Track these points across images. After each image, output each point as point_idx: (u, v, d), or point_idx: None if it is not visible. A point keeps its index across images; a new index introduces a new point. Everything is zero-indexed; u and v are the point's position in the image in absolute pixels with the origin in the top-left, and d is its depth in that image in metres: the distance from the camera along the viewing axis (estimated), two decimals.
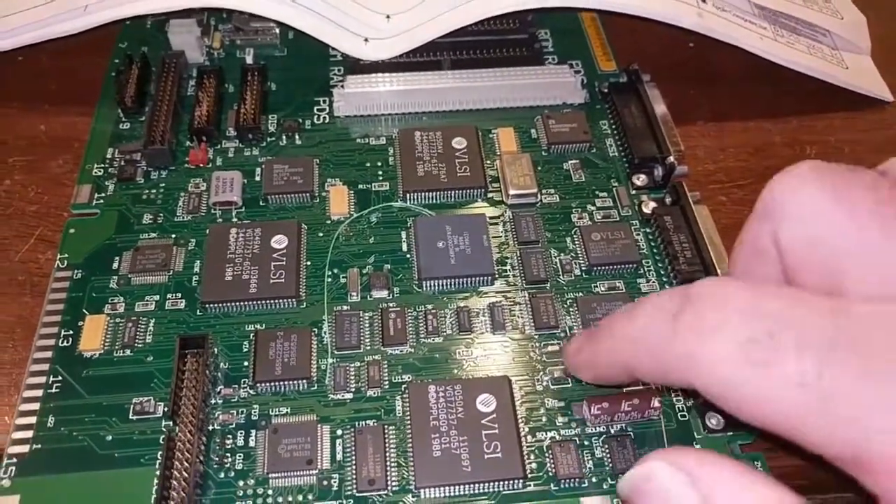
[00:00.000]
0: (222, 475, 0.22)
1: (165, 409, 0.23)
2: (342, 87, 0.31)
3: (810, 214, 0.15)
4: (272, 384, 0.23)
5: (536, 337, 0.24)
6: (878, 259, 0.14)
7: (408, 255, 0.26)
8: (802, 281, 0.16)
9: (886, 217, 0.14)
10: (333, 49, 0.32)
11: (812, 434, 0.14)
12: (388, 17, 0.32)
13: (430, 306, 0.25)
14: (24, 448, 0.22)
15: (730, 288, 0.15)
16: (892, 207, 0.14)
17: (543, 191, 0.28)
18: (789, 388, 0.13)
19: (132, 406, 0.23)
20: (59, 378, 0.23)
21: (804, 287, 0.16)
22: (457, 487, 0.21)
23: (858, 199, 0.15)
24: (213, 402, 0.23)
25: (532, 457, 0.22)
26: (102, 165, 0.29)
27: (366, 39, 0.32)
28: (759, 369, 0.14)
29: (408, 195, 0.28)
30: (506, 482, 0.21)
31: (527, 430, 0.22)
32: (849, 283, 0.15)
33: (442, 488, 0.21)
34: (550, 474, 0.22)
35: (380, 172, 0.29)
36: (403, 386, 0.23)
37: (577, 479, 0.21)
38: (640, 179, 0.29)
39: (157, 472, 0.21)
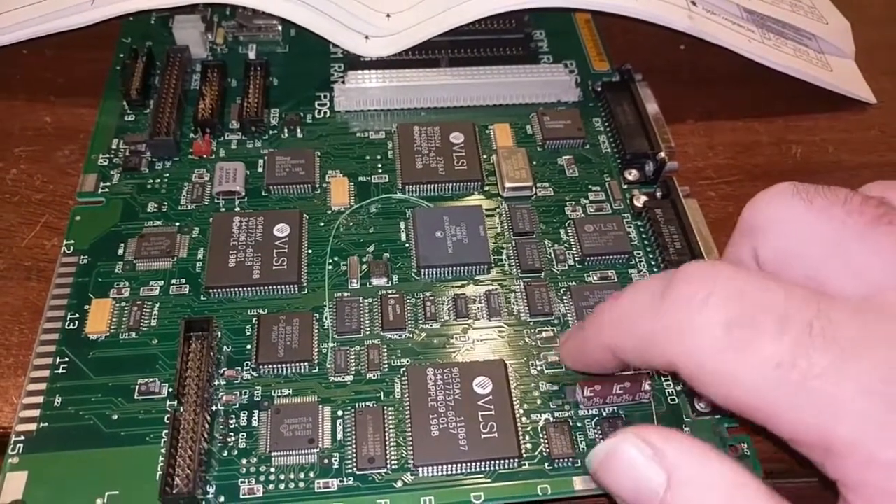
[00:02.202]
0: (226, 453, 0.22)
1: (170, 389, 0.23)
2: (343, 82, 0.32)
3: (787, 228, 0.16)
4: (275, 366, 0.24)
5: (531, 323, 0.25)
6: (853, 262, 0.15)
7: (406, 245, 0.27)
8: None
9: (858, 224, 0.15)
10: (334, 46, 0.33)
11: (783, 417, 0.14)
12: (388, 15, 0.33)
13: (428, 293, 0.26)
14: (32, 426, 0.22)
15: (717, 269, 0.15)
16: (862, 216, 0.15)
17: (538, 184, 0.29)
18: (765, 371, 0.14)
19: (137, 386, 0.23)
20: (66, 359, 0.24)
21: None
22: (454, 466, 0.22)
23: (832, 210, 0.16)
24: (216, 383, 0.24)
25: (527, 437, 0.23)
26: (108, 155, 0.30)
27: (366, 37, 0.32)
28: (738, 349, 0.14)
29: (406, 187, 0.29)
30: (501, 461, 0.22)
31: (522, 411, 0.23)
32: (829, 289, 0.15)
33: (440, 466, 0.22)
34: (545, 454, 0.22)
35: (379, 165, 0.30)
36: (402, 369, 0.24)
37: (570, 459, 0.22)
38: (632, 174, 0.30)
39: (163, 450, 0.22)
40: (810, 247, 0.16)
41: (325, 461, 0.22)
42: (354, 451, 0.22)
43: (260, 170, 0.29)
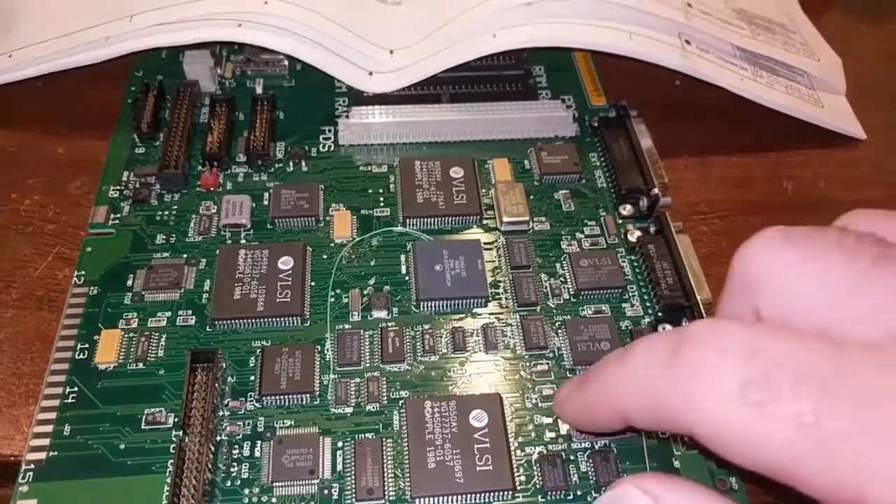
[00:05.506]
0: (229, 483, 0.23)
1: (176, 419, 0.24)
2: (347, 117, 0.33)
3: (785, 282, 0.15)
4: (277, 397, 0.24)
5: (527, 357, 0.26)
6: (860, 307, 0.14)
7: (406, 278, 0.28)
8: None
9: (861, 267, 0.15)
10: (339, 81, 0.34)
11: (812, 477, 0.13)
12: (391, 52, 0.34)
13: (426, 326, 0.27)
14: (42, 455, 0.23)
15: (725, 328, 0.15)
16: (862, 257, 0.15)
17: (535, 218, 0.30)
18: (787, 430, 0.13)
19: (144, 416, 0.24)
20: (75, 389, 0.25)
21: None
22: (450, 498, 0.22)
23: (829, 256, 0.15)
24: (220, 413, 0.24)
25: (521, 470, 0.23)
26: (118, 187, 0.31)
27: (370, 73, 0.34)
28: (756, 410, 0.13)
29: (407, 221, 0.30)
30: (496, 493, 0.22)
31: (516, 444, 0.24)
32: (843, 337, 0.14)
33: (436, 498, 0.22)
34: (538, 486, 0.23)
35: (381, 199, 0.31)
36: (401, 401, 0.25)
37: (563, 492, 0.23)
38: (626, 209, 0.30)
39: (168, 480, 0.23)
40: (813, 297, 0.15)
41: (325, 492, 0.23)
42: (354, 482, 0.23)
43: (266, 202, 0.30)
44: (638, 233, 0.29)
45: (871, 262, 0.15)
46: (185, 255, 0.28)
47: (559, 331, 0.27)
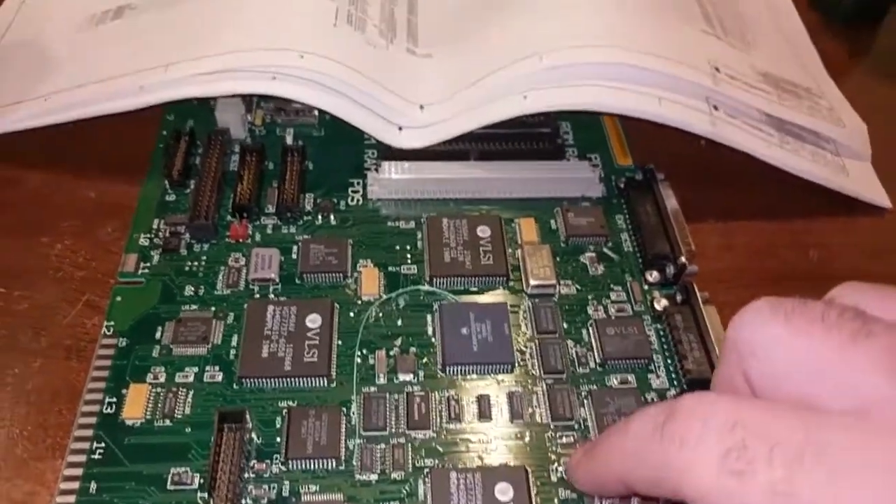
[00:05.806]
0: None
1: (201, 480, 0.24)
2: (376, 171, 0.33)
3: (771, 352, 0.17)
4: (303, 461, 0.25)
5: (552, 427, 0.26)
6: (840, 379, 0.16)
7: (433, 339, 0.28)
8: None
9: (840, 341, 0.16)
10: (368, 134, 0.35)
11: None
12: (421, 107, 0.34)
13: (452, 391, 0.27)
14: None
15: (711, 400, 0.17)
16: (842, 332, 0.16)
17: (562, 282, 0.30)
18: (765, 498, 0.14)
19: (170, 476, 0.24)
20: (103, 444, 0.25)
21: None
22: None
23: (812, 329, 0.16)
24: (246, 476, 0.24)
25: None
26: (148, 235, 0.31)
27: (400, 128, 0.34)
28: (736, 479, 0.15)
29: (434, 280, 0.30)
30: None
31: None
32: (822, 407, 0.16)
33: None
34: None
35: (408, 256, 0.31)
36: (426, 470, 0.25)
37: None
38: (653, 276, 0.30)
39: None
40: (796, 368, 0.17)
41: None
42: None
43: (294, 256, 0.30)
44: (665, 301, 0.29)
45: (849, 337, 0.16)
46: (213, 308, 0.29)
47: (585, 401, 0.27)
